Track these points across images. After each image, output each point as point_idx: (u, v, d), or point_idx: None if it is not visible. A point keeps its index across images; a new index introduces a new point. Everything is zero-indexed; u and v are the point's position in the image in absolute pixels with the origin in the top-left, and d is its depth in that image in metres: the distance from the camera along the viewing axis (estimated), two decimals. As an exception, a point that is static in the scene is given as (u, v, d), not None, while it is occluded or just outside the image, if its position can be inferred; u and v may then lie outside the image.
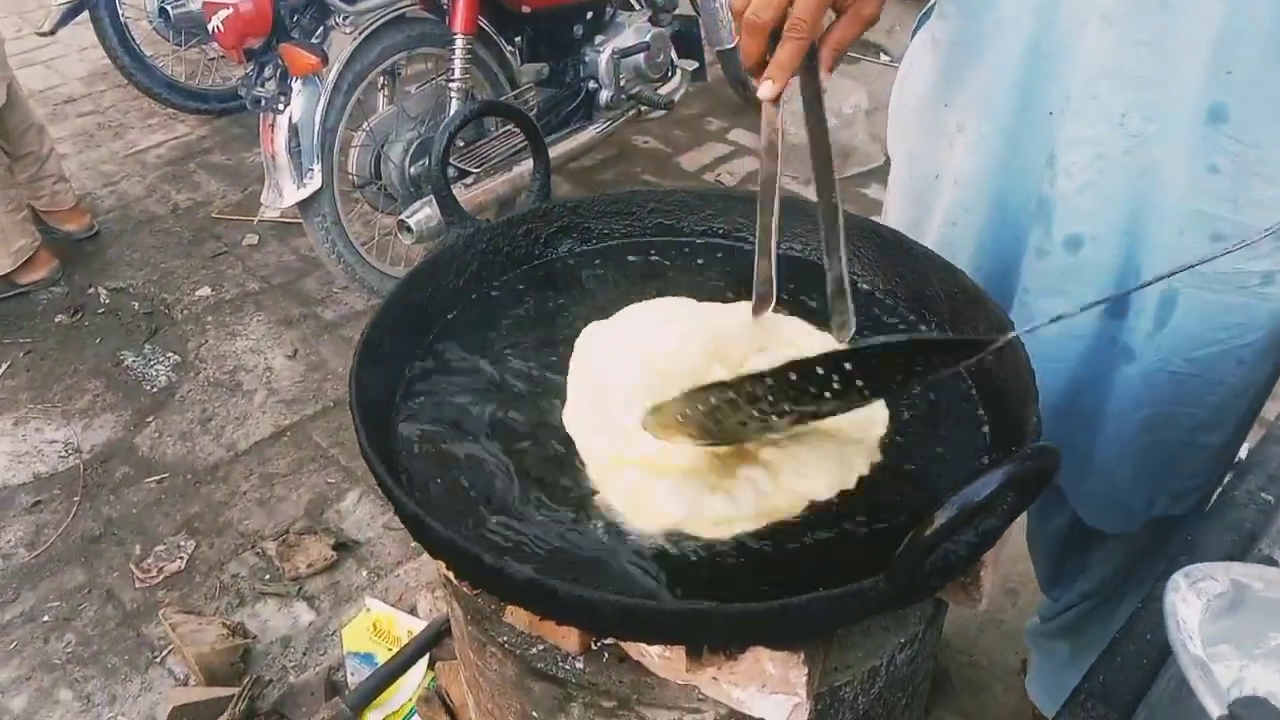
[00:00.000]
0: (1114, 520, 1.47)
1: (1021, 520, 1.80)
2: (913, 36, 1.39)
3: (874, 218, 1.34)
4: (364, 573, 2.44)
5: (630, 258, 1.32)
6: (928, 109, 1.35)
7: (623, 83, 3.56)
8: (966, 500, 0.71)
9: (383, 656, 2.15)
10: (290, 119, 2.79)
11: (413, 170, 3.08)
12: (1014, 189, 1.27)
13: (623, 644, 0.96)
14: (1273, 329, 1.23)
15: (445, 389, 1.11)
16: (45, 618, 2.35)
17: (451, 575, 0.96)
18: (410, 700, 2.08)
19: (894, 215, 1.51)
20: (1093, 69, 1.11)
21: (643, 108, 3.68)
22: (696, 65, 3.86)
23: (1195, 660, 0.71)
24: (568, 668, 0.98)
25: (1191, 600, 0.78)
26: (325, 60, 2.79)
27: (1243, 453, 1.48)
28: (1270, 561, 1.02)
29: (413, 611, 2.28)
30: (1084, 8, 1.10)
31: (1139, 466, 1.37)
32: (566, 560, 0.91)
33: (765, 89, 0.99)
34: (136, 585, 2.42)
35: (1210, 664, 0.78)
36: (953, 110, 1.29)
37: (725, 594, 0.84)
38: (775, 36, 0.97)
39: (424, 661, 2.13)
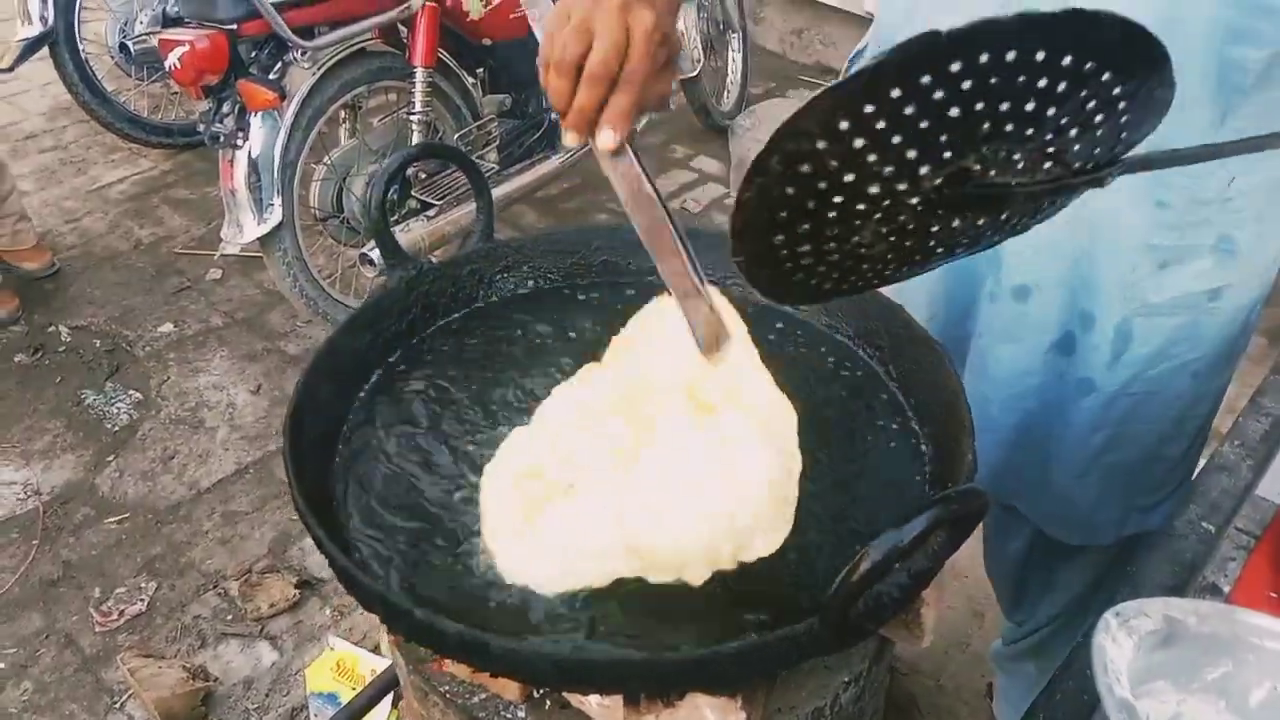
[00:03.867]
0: (1082, 535, 1.48)
1: (976, 549, 1.82)
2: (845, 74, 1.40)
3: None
4: (327, 611, 2.42)
5: (578, 297, 1.32)
6: None
7: (585, 112, 3.57)
8: (892, 543, 0.72)
9: (346, 696, 2.12)
10: (249, 154, 2.79)
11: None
12: None
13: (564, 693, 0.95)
14: (1223, 340, 1.27)
15: (384, 436, 1.10)
16: (1, 665, 2.30)
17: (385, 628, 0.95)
18: (374, 740, 2.05)
19: None
20: None
21: (606, 137, 3.69)
22: (658, 94, 3.87)
23: (1121, 703, 0.71)
24: (509, 716, 0.97)
25: (1122, 639, 0.78)
26: (283, 96, 2.79)
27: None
28: (1214, 590, 1.03)
29: (376, 650, 2.25)
30: None
31: (1103, 484, 1.39)
32: (509, 610, 0.90)
33: (605, 138, 0.94)
34: (96, 629, 2.38)
35: (1139, 702, 0.78)
36: None
37: (675, 633, 0.84)
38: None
39: (388, 700, 2.10)
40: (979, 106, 0.63)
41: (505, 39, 3.33)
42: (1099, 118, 0.67)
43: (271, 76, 2.83)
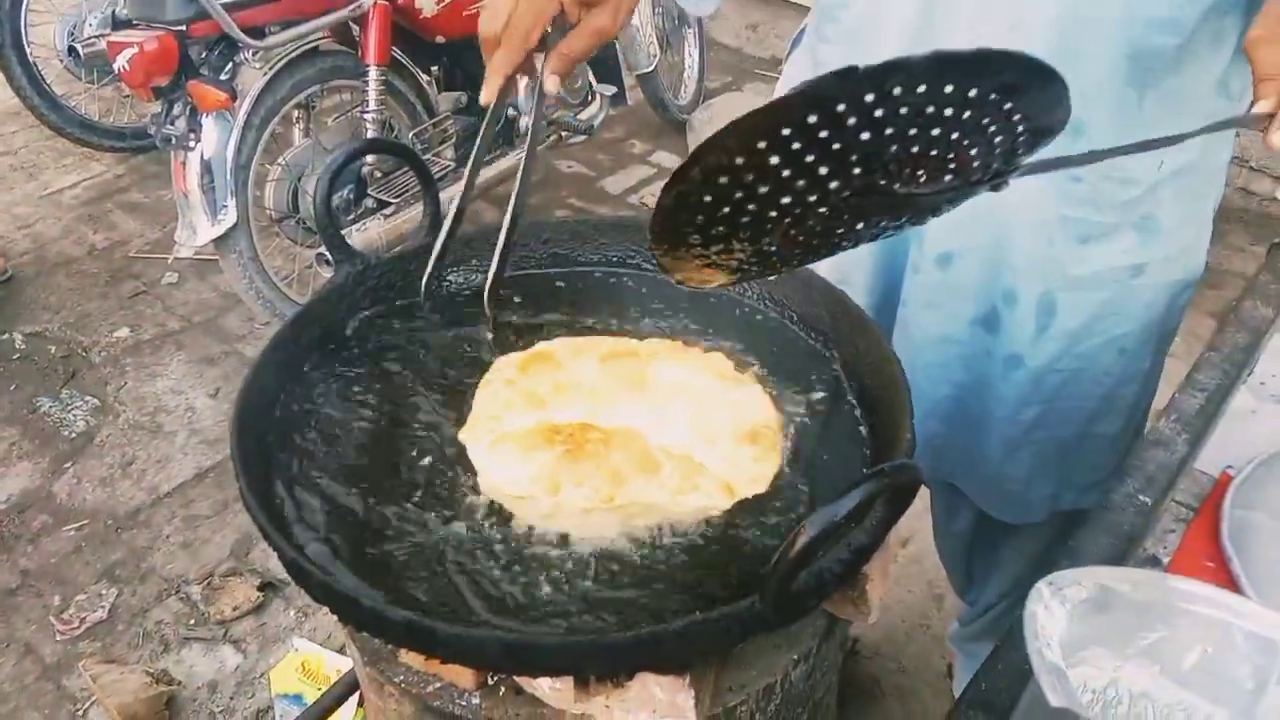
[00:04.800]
0: (1015, 512, 1.51)
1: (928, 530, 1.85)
2: (787, 57, 1.43)
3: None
4: (291, 613, 2.41)
5: (526, 288, 1.33)
6: None
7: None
8: (828, 518, 0.73)
9: (312, 697, 2.12)
10: (201, 156, 2.77)
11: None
12: None
13: (516, 678, 0.96)
14: (1148, 317, 1.32)
15: (334, 431, 1.10)
16: (-40, 676, 2.28)
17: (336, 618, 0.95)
18: (341, 740, 2.05)
19: None
20: None
21: (564, 133, 3.70)
22: (615, 90, 3.88)
23: (1049, 667, 0.73)
24: (464, 704, 0.97)
25: (1055, 607, 0.80)
26: (234, 96, 2.77)
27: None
28: (1154, 561, 1.06)
29: (341, 650, 2.25)
30: (952, 39, 1.14)
31: (1035, 460, 1.42)
32: (455, 589, 0.91)
33: (483, 94, 1.11)
34: (57, 638, 2.36)
35: (1076, 669, 0.81)
36: None
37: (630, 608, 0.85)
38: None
39: (354, 700, 2.10)
40: (888, 132, 0.69)
41: (459, 36, 3.32)
42: (999, 139, 0.74)
43: (223, 77, 2.81)
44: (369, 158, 3.09)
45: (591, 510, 0.98)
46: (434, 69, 3.38)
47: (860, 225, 0.78)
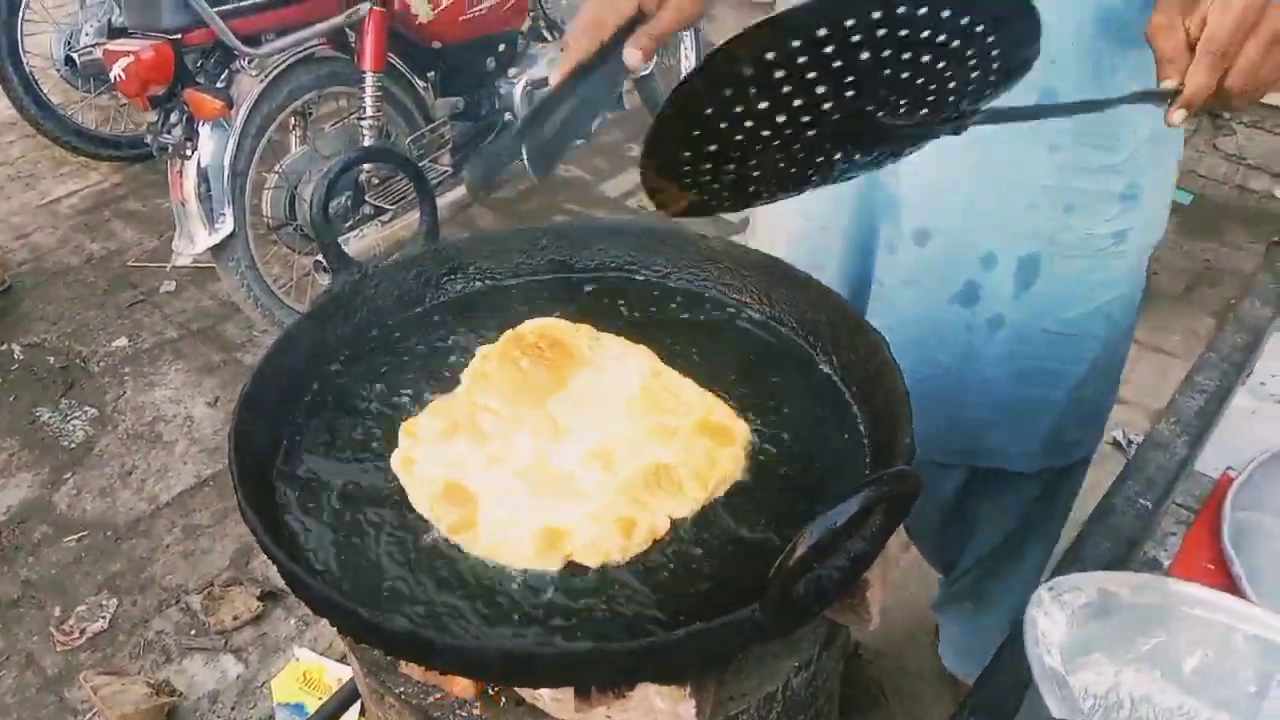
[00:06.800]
0: (1013, 461, 1.53)
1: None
2: None
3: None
4: (292, 622, 2.41)
5: (525, 295, 1.32)
6: None
7: (538, 113, 3.57)
8: (827, 526, 0.73)
9: (313, 706, 2.11)
10: (198, 164, 2.77)
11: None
12: (869, 191, 1.35)
13: (516, 689, 0.96)
14: (1129, 283, 1.37)
15: (333, 439, 1.10)
16: (-38, 688, 2.28)
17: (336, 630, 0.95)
18: (342, 748, 2.05)
19: (764, 222, 1.58)
20: None
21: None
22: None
23: (1050, 673, 0.72)
24: (465, 715, 0.97)
25: (1054, 612, 0.80)
26: (231, 104, 2.77)
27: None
28: (1155, 564, 1.05)
29: (342, 659, 2.24)
30: None
31: (1024, 419, 1.45)
32: (452, 603, 0.91)
33: (551, 78, 1.10)
34: (58, 648, 2.36)
35: (1077, 675, 0.80)
36: None
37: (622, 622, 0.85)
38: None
39: (355, 709, 2.09)
40: (885, 54, 0.72)
41: (456, 41, 3.32)
42: (975, 74, 0.78)
43: (219, 85, 2.82)
44: (366, 164, 3.09)
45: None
46: (430, 74, 3.38)
47: (838, 156, 0.81)
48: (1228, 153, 3.97)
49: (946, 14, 0.71)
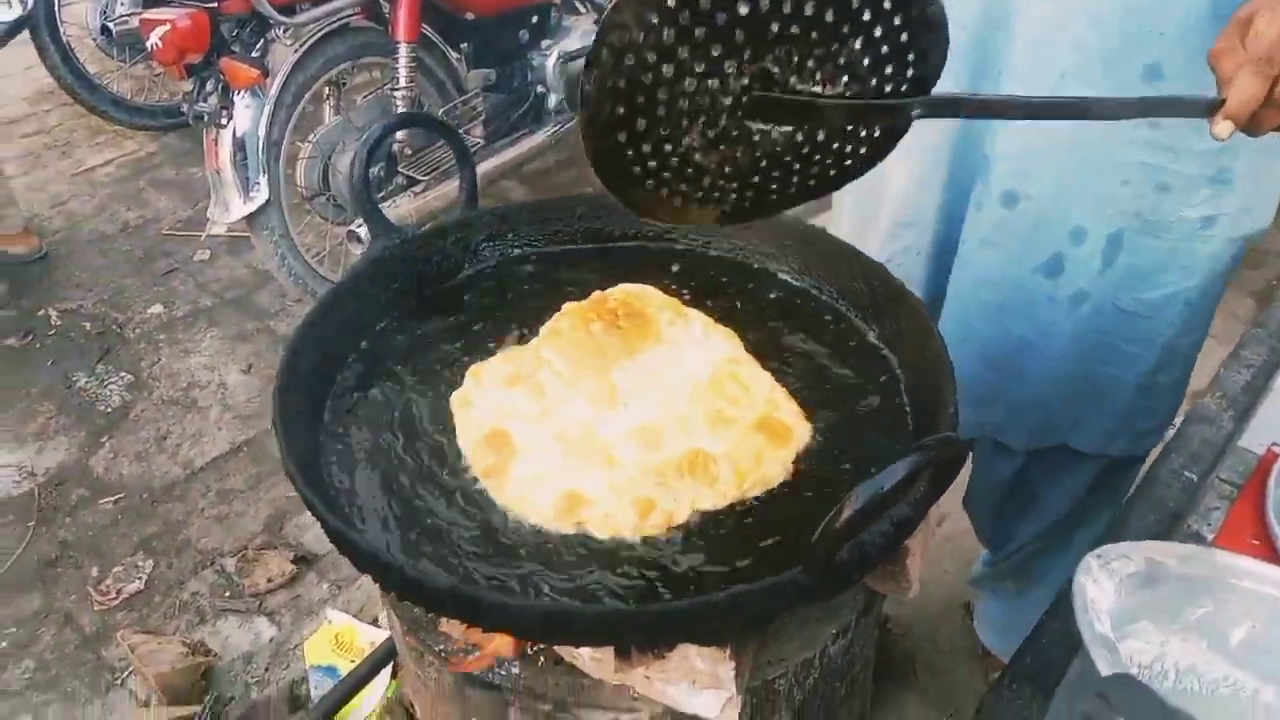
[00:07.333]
0: (1078, 440, 1.51)
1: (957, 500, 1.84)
2: None
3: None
4: (325, 585, 2.43)
5: (560, 262, 1.32)
6: None
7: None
8: (873, 490, 0.73)
9: (345, 669, 2.14)
10: (234, 133, 2.78)
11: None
12: (966, 149, 1.33)
13: (556, 648, 0.97)
14: (1211, 270, 1.33)
15: (373, 401, 1.11)
16: (2, 644, 2.31)
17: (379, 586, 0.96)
18: (374, 711, 2.07)
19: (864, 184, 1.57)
20: (1037, 31, 1.18)
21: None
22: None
23: (1100, 638, 0.72)
24: (504, 673, 0.98)
25: (1103, 580, 0.79)
26: (266, 73, 2.77)
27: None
28: (1198, 538, 1.04)
29: (375, 623, 2.27)
30: None
31: (1093, 397, 1.43)
32: (499, 559, 0.91)
33: None
34: (95, 608, 2.39)
35: (1125, 643, 0.80)
36: None
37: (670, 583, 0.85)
38: None
39: (387, 671, 2.12)
40: (763, 4, 0.76)
41: (489, 13, 3.31)
42: (878, 32, 0.80)
43: (254, 54, 2.82)
44: (399, 134, 3.09)
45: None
46: (464, 46, 3.36)
47: (776, 134, 0.84)
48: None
49: None
